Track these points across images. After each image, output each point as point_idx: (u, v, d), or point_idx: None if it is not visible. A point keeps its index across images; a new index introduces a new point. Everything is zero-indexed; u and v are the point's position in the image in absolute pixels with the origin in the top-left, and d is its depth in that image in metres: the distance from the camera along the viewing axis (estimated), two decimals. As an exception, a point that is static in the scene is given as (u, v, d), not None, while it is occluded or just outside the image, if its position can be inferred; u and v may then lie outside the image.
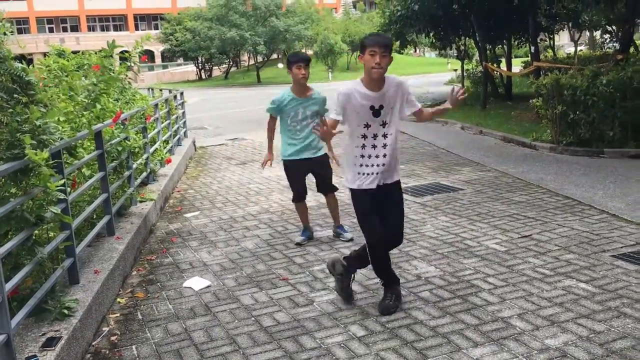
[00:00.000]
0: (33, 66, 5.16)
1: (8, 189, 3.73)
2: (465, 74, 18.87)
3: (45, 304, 3.65)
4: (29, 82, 3.91)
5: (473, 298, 4.15)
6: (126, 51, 6.92)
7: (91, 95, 5.53)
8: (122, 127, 6.18)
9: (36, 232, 3.74)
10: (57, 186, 3.62)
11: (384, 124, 3.89)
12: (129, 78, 7.13)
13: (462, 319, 3.83)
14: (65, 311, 3.66)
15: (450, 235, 5.59)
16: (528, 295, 4.15)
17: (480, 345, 3.48)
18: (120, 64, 7.61)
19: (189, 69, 54.56)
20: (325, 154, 5.63)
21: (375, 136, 3.90)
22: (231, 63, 52.47)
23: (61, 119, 4.47)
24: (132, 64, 7.29)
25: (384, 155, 3.92)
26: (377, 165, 3.92)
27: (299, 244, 5.64)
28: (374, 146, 3.92)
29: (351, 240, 5.60)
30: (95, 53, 6.67)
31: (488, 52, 17.97)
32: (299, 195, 5.73)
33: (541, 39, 20.55)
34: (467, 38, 19.59)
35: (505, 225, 5.80)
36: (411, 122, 14.88)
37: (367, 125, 3.87)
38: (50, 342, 3.32)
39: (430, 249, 5.24)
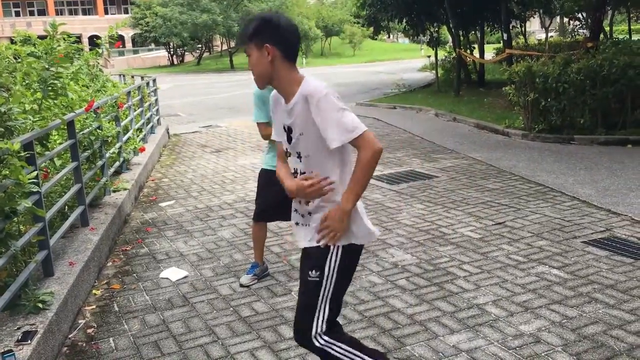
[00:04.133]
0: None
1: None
2: (438, 60, 18.91)
3: (19, 297, 3.59)
4: (-11, 66, 3.81)
5: (449, 285, 4.21)
6: (97, 36, 6.79)
7: (47, 81, 5.36)
8: (94, 115, 6.08)
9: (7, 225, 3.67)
10: (30, 178, 3.55)
11: (299, 157, 2.49)
12: (101, 65, 6.97)
13: (438, 307, 3.89)
14: (40, 304, 3.61)
15: (426, 223, 5.65)
16: (502, 282, 4.22)
17: (456, 332, 3.54)
18: (91, 49, 7.46)
19: (161, 54, 53.81)
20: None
21: (295, 173, 2.56)
22: (204, 48, 51.90)
23: (27, 107, 4.35)
24: (103, 49, 7.16)
25: (307, 203, 2.53)
26: (296, 214, 2.61)
27: (245, 286, 4.45)
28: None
29: None
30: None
31: (461, 38, 18.10)
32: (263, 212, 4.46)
33: (513, 26, 20.73)
34: (440, 24, 19.67)
35: (479, 212, 5.88)
36: (388, 109, 15.00)
37: (287, 153, 2.57)
38: (26, 336, 3.27)
39: (406, 237, 5.30)
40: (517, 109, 10.39)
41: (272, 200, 4.11)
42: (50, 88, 4.47)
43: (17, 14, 58.55)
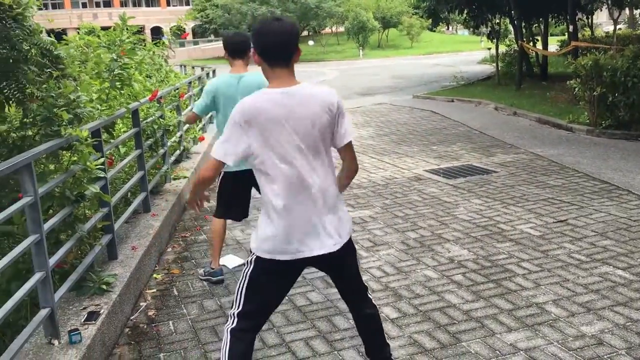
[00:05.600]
0: (65, 42, 5.15)
1: (48, 165, 3.81)
2: (499, 53, 18.46)
3: (85, 279, 3.74)
4: (58, 56, 3.94)
5: (507, 283, 4.13)
6: (159, 28, 6.97)
7: (114, 71, 5.54)
8: (157, 105, 6.24)
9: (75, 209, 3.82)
10: (97, 165, 3.69)
11: None
12: (165, 55, 7.15)
13: (496, 304, 3.82)
14: (104, 286, 3.75)
15: (484, 219, 5.54)
16: (563, 281, 4.10)
17: (514, 331, 3.46)
18: (154, 40, 7.64)
19: (220, 46, 54.58)
20: None
21: None
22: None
23: (94, 96, 4.51)
24: (170, 40, 7.32)
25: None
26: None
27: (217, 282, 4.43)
28: None
29: None
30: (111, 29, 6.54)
31: (524, 30, 17.59)
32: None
33: (579, 18, 19.98)
34: (502, 16, 19.15)
35: (540, 209, 5.72)
36: (446, 102, 14.76)
37: None
38: (90, 316, 3.41)
39: (463, 232, 5.21)
40: (582, 103, 10.02)
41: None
42: (117, 78, 4.62)
43: (84, 6, 60.67)
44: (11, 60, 3.65)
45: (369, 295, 2.86)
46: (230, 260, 4.86)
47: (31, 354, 3.03)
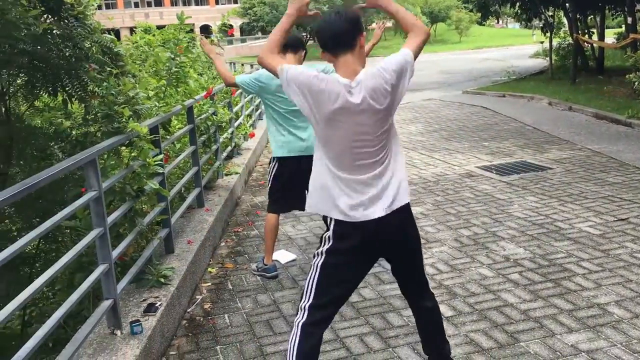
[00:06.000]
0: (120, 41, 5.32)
1: (109, 161, 3.92)
2: (552, 46, 17.96)
3: (143, 272, 3.84)
4: (117, 54, 4.05)
5: (566, 282, 4.02)
6: (208, 26, 7.05)
7: (171, 69, 5.66)
8: (210, 102, 6.34)
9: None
10: (155, 160, 3.77)
11: None
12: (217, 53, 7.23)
13: (555, 304, 3.72)
14: (162, 279, 3.84)
15: (540, 217, 5.41)
16: (626, 281, 3.96)
17: (575, 332, 3.37)
18: (207, 37, 7.75)
19: (267, 43, 54.94)
20: None
21: None
22: (308, 37, 52.55)
23: (150, 94, 4.62)
24: (218, 38, 7.42)
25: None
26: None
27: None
28: None
29: None
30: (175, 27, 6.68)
31: (579, 23, 17.06)
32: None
33: (638, 10, 19.24)
34: (556, 8, 18.62)
35: (599, 207, 5.54)
36: (497, 97, 14.46)
37: None
38: (149, 308, 3.50)
39: (518, 230, 5.10)
40: (642, 97, 9.66)
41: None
42: (174, 76, 4.71)
43: (136, 5, 62.18)
44: (73, 59, 3.78)
45: (430, 289, 2.84)
46: (282, 256, 4.89)
47: (95, 343, 3.12)
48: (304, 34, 48.23)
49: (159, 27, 8.00)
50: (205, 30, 42.17)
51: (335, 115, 2.42)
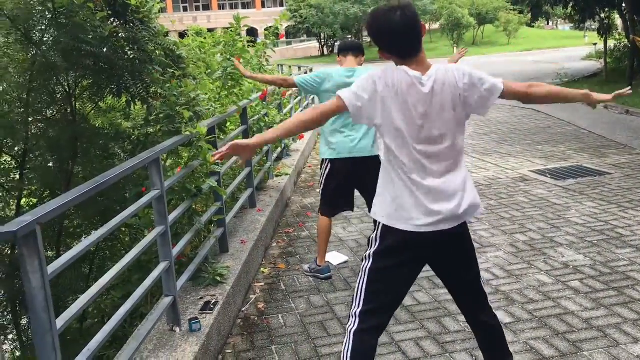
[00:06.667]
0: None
1: (169, 161, 4.00)
2: (607, 48, 17.47)
3: (200, 270, 3.89)
4: (180, 56, 4.12)
5: (630, 291, 3.88)
6: (254, 29, 7.07)
7: (226, 70, 5.74)
8: (263, 103, 6.40)
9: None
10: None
11: None
12: (267, 56, 7.31)
13: (618, 313, 3.60)
14: (218, 278, 3.89)
15: (599, 223, 5.25)
16: (695, 292, 3.81)
17: (641, 343, 3.25)
18: (255, 41, 7.83)
19: (312, 45, 55.29)
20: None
21: None
22: (353, 39, 52.58)
23: (206, 96, 4.70)
24: (269, 42, 7.49)
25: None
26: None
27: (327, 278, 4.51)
28: None
29: None
30: (225, 30, 6.77)
31: (635, 24, 16.51)
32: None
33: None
34: (611, 9, 18.10)
35: (662, 214, 5.35)
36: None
37: None
38: (206, 306, 3.55)
39: (577, 236, 4.96)
40: None
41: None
42: (230, 77, 4.77)
43: (185, 9, 63.36)
44: (137, 61, 3.87)
45: (489, 305, 2.68)
46: (334, 257, 4.89)
47: (155, 339, 3.18)
48: (349, 36, 48.29)
49: (210, 30, 8.13)
50: (252, 33, 42.61)
51: None
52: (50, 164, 4.58)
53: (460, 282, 2.64)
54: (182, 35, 14.76)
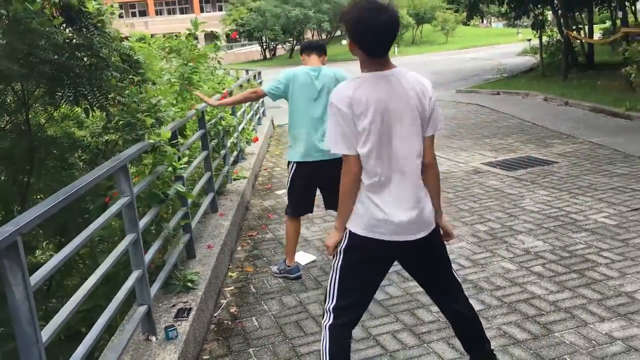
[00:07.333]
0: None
1: (133, 168, 3.90)
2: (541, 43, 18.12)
3: (170, 277, 3.82)
4: (137, 61, 4.04)
5: (591, 273, 4.05)
6: (212, 31, 7.00)
7: (184, 75, 5.65)
8: (217, 107, 6.31)
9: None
10: (180, 164, 3.77)
11: None
12: (220, 57, 7.24)
13: (582, 294, 3.75)
14: (189, 284, 3.82)
15: (553, 209, 5.45)
16: (650, 269, 4.01)
17: (607, 320, 3.39)
18: (212, 44, 7.74)
19: (253, 49, 55.00)
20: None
21: None
22: (295, 42, 52.61)
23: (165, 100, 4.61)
24: (220, 43, 7.42)
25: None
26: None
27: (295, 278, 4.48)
28: None
29: None
30: (177, 36, 6.66)
31: (567, 20, 17.21)
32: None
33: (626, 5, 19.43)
34: (544, 6, 18.81)
35: (610, 198, 5.60)
36: (491, 95, 14.55)
37: None
38: (179, 313, 3.48)
39: (534, 224, 5.13)
40: (639, 90, 9.77)
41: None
42: (187, 82, 4.70)
43: (120, 16, 61.81)
44: (94, 67, 3.76)
45: (464, 294, 2.78)
46: (302, 257, 4.88)
47: (131, 350, 3.10)
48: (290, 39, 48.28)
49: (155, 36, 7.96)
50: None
51: None
52: (2, 177, 4.39)
53: (429, 277, 2.73)
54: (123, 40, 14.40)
